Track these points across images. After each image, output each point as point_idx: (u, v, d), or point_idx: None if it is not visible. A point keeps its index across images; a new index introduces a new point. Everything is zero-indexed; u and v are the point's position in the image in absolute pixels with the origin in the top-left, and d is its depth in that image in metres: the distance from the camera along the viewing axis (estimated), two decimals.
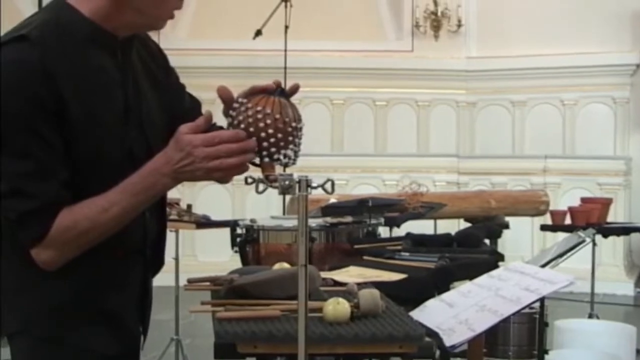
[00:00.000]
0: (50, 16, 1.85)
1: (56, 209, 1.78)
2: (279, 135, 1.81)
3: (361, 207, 4.05)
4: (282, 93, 1.86)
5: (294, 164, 1.86)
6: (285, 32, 7.50)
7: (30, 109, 1.74)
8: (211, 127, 1.84)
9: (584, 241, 4.20)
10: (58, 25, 1.82)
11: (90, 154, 1.82)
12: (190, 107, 2.09)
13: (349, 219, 3.89)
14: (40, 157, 1.76)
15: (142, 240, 1.99)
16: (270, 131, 1.80)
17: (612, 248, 7.88)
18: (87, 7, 1.84)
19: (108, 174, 1.82)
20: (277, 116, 1.81)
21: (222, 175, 1.81)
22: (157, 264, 2.11)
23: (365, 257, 3.26)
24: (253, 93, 1.86)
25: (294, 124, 1.83)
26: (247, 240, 3.80)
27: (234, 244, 3.88)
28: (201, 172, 1.79)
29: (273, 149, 1.81)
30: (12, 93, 1.73)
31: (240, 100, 1.84)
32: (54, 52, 1.78)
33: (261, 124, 1.80)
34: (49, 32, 1.80)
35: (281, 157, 1.82)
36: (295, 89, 1.91)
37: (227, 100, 1.89)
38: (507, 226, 5.30)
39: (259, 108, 1.81)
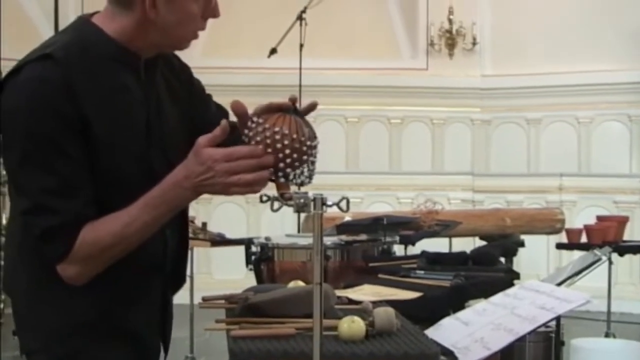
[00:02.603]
0: (75, 35, 1.87)
1: (80, 225, 1.80)
2: (295, 156, 1.81)
3: (376, 225, 4.04)
4: (296, 111, 1.86)
5: (309, 183, 1.86)
6: (300, 50, 7.51)
7: (54, 126, 1.75)
8: (234, 137, 1.84)
9: (600, 259, 4.18)
10: (82, 45, 1.84)
11: (111, 171, 1.84)
12: (217, 120, 2.08)
13: (363, 237, 3.88)
14: (64, 173, 1.78)
15: (161, 256, 1.99)
16: (288, 151, 1.80)
17: (628, 266, 7.82)
18: (111, 27, 1.86)
19: (129, 190, 1.83)
20: (295, 136, 1.81)
21: (238, 191, 1.82)
22: (177, 281, 2.11)
23: (380, 275, 3.25)
24: (269, 110, 1.85)
25: (309, 143, 1.83)
26: (262, 258, 3.79)
27: (248, 261, 3.88)
28: (220, 187, 1.80)
29: (289, 170, 1.81)
30: (36, 109, 1.75)
31: (255, 119, 1.84)
32: (77, 71, 1.79)
33: (279, 145, 1.80)
34: (73, 51, 1.82)
35: (297, 177, 1.82)
36: (313, 106, 1.91)
37: (241, 115, 1.90)
38: (522, 244, 5.27)
39: (276, 129, 1.80)
